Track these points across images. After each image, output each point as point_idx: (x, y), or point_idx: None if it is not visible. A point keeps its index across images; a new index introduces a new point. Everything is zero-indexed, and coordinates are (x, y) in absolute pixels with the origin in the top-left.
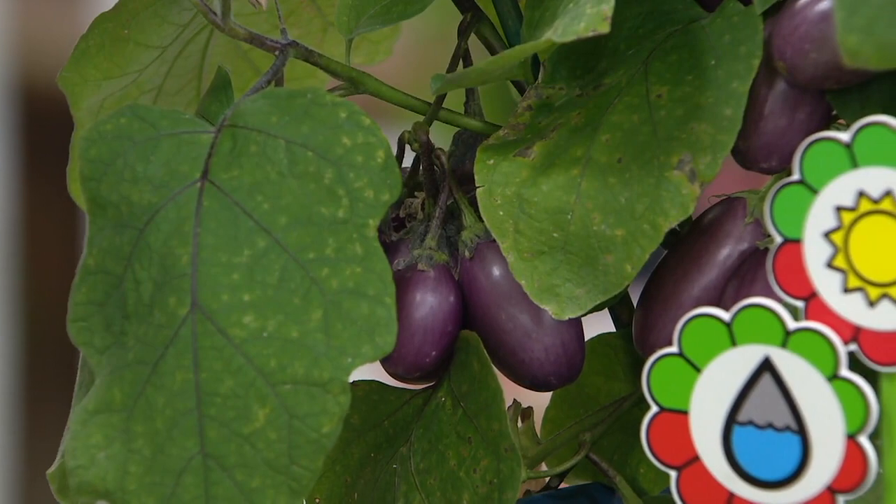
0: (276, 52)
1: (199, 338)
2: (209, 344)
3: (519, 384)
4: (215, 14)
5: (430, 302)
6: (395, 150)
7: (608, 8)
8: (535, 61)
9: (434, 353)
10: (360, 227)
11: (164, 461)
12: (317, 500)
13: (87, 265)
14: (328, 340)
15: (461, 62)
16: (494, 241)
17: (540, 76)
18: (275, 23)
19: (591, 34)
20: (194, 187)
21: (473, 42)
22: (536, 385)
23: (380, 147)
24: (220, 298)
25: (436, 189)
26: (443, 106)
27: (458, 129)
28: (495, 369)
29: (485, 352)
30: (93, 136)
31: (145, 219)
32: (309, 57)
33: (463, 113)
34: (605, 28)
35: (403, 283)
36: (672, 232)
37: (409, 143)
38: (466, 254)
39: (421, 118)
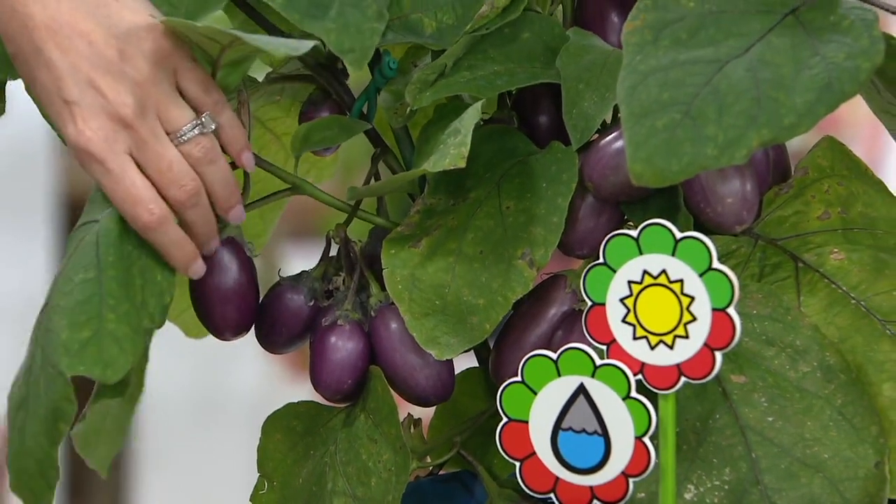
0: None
1: None
2: None
3: (409, 402)
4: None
5: (345, 347)
6: (323, 245)
7: (465, 149)
8: (423, 179)
9: (349, 381)
10: None
11: None
12: (274, 483)
13: None
14: None
15: (373, 180)
16: (392, 304)
17: (426, 189)
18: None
19: (452, 167)
20: None
21: (382, 167)
22: (421, 402)
23: None
24: None
25: (352, 269)
26: (361, 209)
27: (373, 226)
28: (393, 392)
29: (385, 380)
30: None
31: None
32: (260, 163)
33: (375, 213)
34: (462, 164)
35: (327, 334)
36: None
37: (332, 238)
38: (372, 314)
39: (345, 215)
